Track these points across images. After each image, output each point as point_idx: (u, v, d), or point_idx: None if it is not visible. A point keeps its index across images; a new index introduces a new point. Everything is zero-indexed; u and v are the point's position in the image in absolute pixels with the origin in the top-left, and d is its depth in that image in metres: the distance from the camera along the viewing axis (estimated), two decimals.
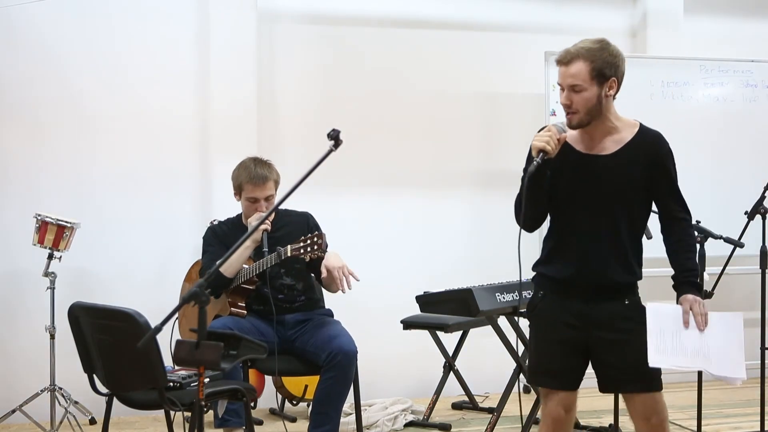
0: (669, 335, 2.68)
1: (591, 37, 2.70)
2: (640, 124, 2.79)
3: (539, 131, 2.70)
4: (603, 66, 2.62)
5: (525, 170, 2.72)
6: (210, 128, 5.11)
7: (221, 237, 3.89)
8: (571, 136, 2.75)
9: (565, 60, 2.65)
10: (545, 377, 2.86)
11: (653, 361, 2.64)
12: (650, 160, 2.72)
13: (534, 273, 2.91)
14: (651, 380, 2.71)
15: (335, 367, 3.60)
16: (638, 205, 2.76)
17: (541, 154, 2.62)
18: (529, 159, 2.70)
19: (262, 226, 3.69)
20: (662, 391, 2.75)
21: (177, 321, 4.18)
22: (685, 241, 2.77)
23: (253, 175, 3.75)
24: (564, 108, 2.69)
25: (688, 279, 2.74)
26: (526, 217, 2.69)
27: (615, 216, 2.72)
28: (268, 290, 3.74)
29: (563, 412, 2.81)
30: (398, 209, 5.43)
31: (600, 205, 2.71)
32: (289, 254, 3.59)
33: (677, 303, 2.76)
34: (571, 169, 2.72)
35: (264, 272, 3.72)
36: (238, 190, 3.82)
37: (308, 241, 3.55)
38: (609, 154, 2.72)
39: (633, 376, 2.71)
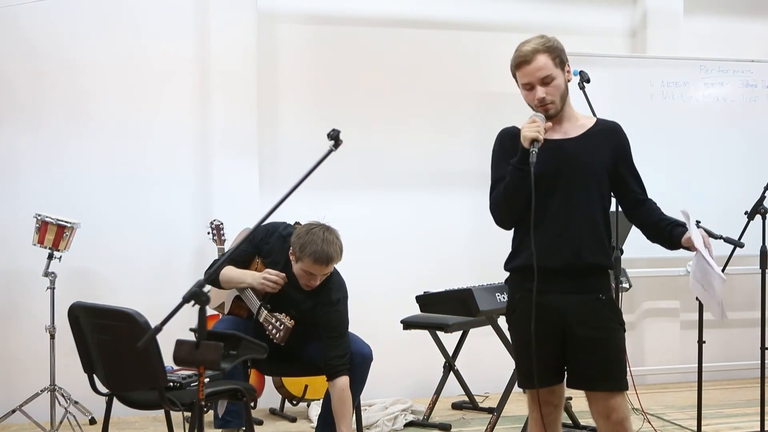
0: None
1: (528, 37, 2.79)
2: (598, 118, 2.92)
3: (526, 123, 2.75)
4: (559, 53, 2.77)
5: (496, 174, 2.84)
6: (210, 129, 5.11)
7: (260, 249, 3.80)
8: None
9: (528, 59, 2.75)
10: (531, 379, 2.81)
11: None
12: (613, 144, 2.82)
13: (507, 274, 2.91)
14: (617, 380, 2.74)
15: (352, 368, 3.62)
16: (604, 185, 2.81)
17: (535, 143, 2.68)
18: (498, 158, 2.86)
19: (268, 289, 3.66)
20: (625, 391, 2.78)
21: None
22: (659, 210, 2.83)
23: (318, 256, 3.54)
24: (540, 102, 2.77)
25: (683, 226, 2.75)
26: (513, 211, 2.76)
27: (585, 195, 2.77)
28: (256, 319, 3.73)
29: (552, 407, 2.84)
30: (398, 209, 5.43)
31: (570, 186, 2.76)
32: (261, 320, 3.63)
33: (685, 237, 2.71)
34: (541, 154, 2.74)
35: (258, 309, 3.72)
36: (298, 258, 3.62)
37: (276, 324, 3.56)
38: (574, 137, 2.81)
39: (601, 374, 2.73)
